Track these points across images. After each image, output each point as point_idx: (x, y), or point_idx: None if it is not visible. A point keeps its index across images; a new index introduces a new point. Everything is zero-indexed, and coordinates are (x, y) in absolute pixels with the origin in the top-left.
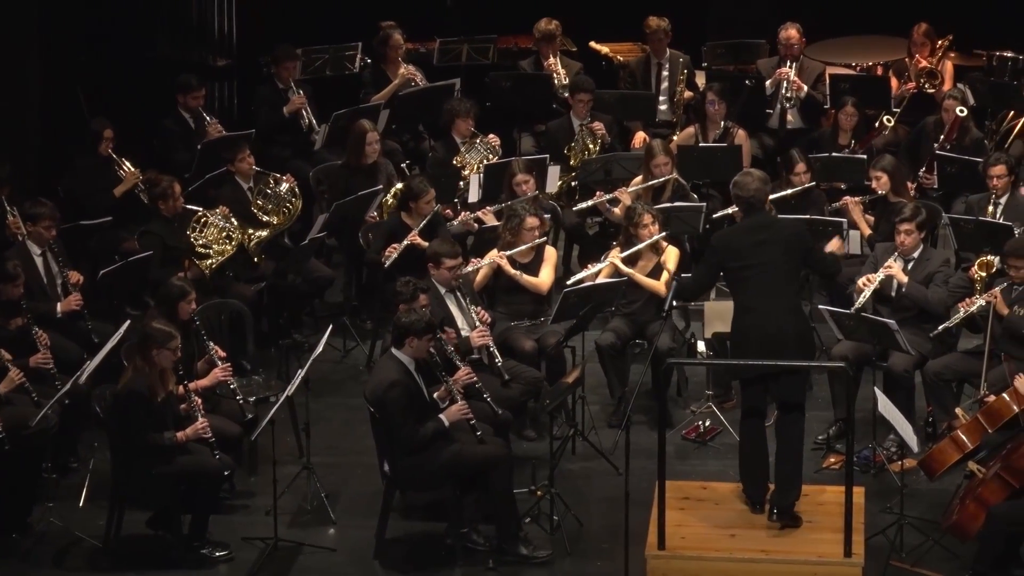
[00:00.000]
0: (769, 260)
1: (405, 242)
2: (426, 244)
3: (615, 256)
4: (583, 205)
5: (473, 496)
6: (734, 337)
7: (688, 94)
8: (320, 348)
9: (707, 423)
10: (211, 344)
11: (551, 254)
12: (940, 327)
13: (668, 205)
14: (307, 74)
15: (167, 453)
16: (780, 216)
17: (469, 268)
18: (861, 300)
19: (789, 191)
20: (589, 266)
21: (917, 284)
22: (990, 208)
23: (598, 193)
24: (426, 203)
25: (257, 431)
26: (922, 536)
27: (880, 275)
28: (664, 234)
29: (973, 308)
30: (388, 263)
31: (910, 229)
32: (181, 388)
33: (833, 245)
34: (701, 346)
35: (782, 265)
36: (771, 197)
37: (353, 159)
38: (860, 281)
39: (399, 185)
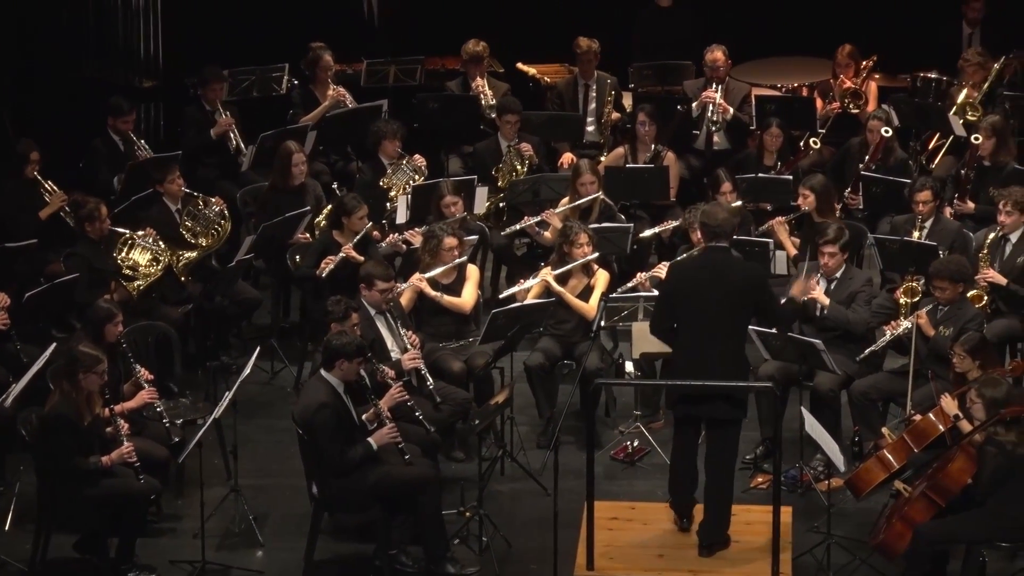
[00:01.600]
0: (712, 301)
1: (341, 254)
2: (361, 259)
3: (547, 274)
4: (511, 229)
5: (402, 518)
6: (668, 375)
7: (615, 115)
8: (248, 370)
9: (635, 443)
10: (138, 366)
11: (473, 272)
12: (867, 351)
13: (596, 225)
14: (234, 95)
15: (93, 477)
16: (740, 259)
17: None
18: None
19: None
20: (521, 281)
21: (838, 306)
22: (915, 232)
23: (526, 218)
24: (359, 219)
25: (184, 453)
26: (849, 555)
27: (803, 299)
28: (596, 255)
29: (899, 331)
30: (325, 274)
31: (834, 251)
32: (107, 411)
33: (796, 289)
34: (629, 367)
35: (726, 309)
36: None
37: (279, 181)
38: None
39: (329, 207)
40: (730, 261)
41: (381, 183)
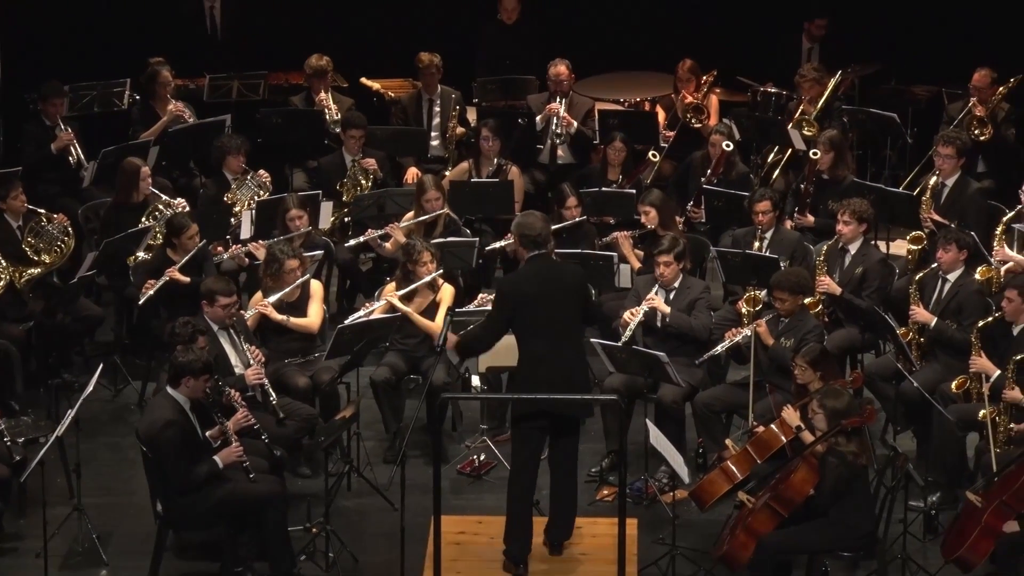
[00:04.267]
0: (559, 310)
1: (164, 277)
2: (187, 280)
3: (391, 294)
4: (353, 242)
5: (247, 534)
6: (522, 386)
7: (460, 130)
8: (90, 388)
9: (482, 457)
10: None
11: (317, 290)
12: (706, 355)
13: (441, 240)
14: (75, 111)
15: None
16: (563, 263)
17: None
18: (627, 333)
19: (560, 225)
20: (367, 305)
21: (679, 313)
22: (756, 243)
23: (369, 231)
24: (189, 238)
25: (26, 473)
26: (694, 566)
27: (643, 307)
28: (441, 271)
29: (738, 338)
30: (143, 299)
31: (668, 260)
32: None
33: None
34: (475, 380)
35: (569, 313)
36: None
37: (123, 197)
38: (625, 315)
39: (153, 223)
40: (557, 267)
41: (225, 198)
